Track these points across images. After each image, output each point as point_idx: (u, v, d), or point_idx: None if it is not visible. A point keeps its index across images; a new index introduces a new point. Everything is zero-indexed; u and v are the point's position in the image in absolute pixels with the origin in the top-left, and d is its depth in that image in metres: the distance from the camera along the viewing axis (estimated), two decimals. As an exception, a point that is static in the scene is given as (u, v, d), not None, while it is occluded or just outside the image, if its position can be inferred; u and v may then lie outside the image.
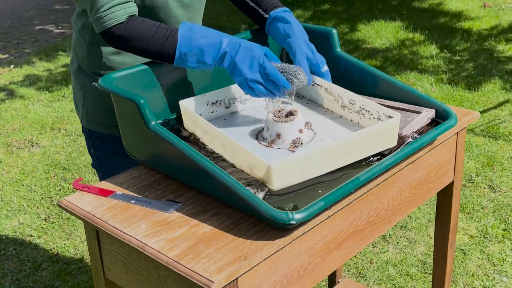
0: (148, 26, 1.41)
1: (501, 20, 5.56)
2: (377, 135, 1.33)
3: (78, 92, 1.65)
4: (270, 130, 1.39)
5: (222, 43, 1.37)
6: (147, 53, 1.42)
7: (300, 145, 1.38)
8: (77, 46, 1.62)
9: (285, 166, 1.22)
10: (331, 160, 1.29)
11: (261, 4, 1.66)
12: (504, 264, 2.44)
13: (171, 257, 1.14)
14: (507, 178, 3.04)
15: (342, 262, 1.38)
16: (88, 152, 1.73)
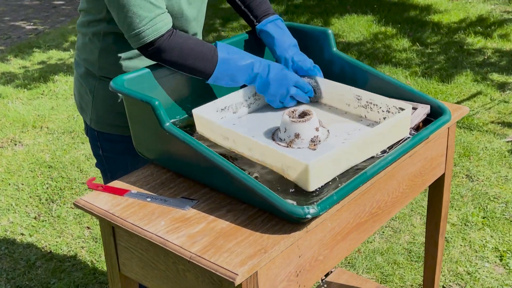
0: (194, 43, 1.49)
1: (469, 13, 5.71)
2: (395, 126, 1.43)
3: (86, 95, 1.68)
4: (288, 131, 1.45)
5: (255, 65, 1.53)
6: (186, 67, 1.50)
7: (319, 142, 1.45)
8: (86, 51, 1.65)
9: (321, 165, 1.29)
10: (358, 155, 1.38)
11: (253, 10, 1.73)
12: (485, 250, 2.55)
13: (193, 252, 1.20)
14: (483, 167, 3.16)
15: (347, 252, 1.46)
16: (94, 153, 1.76)
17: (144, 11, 1.42)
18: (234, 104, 1.60)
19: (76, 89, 1.73)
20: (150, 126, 1.40)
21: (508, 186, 2.99)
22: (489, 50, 4.79)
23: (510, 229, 2.67)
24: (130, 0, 1.41)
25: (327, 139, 1.49)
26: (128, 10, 1.42)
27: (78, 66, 1.70)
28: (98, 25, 1.59)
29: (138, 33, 1.44)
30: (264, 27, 1.69)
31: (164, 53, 1.47)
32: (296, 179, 1.32)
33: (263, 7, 1.73)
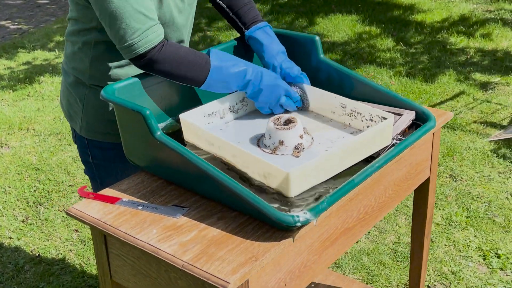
0: (185, 53, 1.51)
1: (451, 13, 5.77)
2: (377, 135, 1.45)
3: (76, 104, 1.69)
4: (272, 137, 1.48)
5: (247, 72, 1.55)
6: (178, 77, 1.52)
7: (302, 150, 1.48)
8: (76, 60, 1.65)
9: (302, 173, 1.31)
10: (339, 163, 1.40)
11: (241, 17, 1.75)
12: (469, 249, 2.60)
13: (185, 261, 1.22)
14: (467, 167, 3.22)
15: (335, 258, 1.49)
16: (83, 161, 1.77)
17: (137, 23, 1.44)
18: (221, 110, 1.63)
19: (65, 97, 1.73)
20: (141, 135, 1.42)
21: (491, 185, 3.04)
22: (471, 50, 4.86)
23: (493, 229, 2.72)
24: (124, 12, 1.43)
25: (311, 146, 1.52)
26: (122, 22, 1.43)
27: (66, 75, 1.71)
28: (89, 34, 1.60)
29: (130, 44, 1.45)
30: (253, 33, 1.72)
31: (157, 64, 1.49)
32: (277, 186, 1.34)
33: (251, 14, 1.75)
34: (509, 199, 2.93)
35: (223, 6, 1.75)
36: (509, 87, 4.16)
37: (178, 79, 1.53)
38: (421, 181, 1.77)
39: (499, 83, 4.24)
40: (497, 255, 2.55)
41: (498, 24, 5.33)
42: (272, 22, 5.81)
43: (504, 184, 3.05)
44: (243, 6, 1.74)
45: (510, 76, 4.31)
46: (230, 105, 1.65)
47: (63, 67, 1.73)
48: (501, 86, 4.18)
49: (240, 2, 1.74)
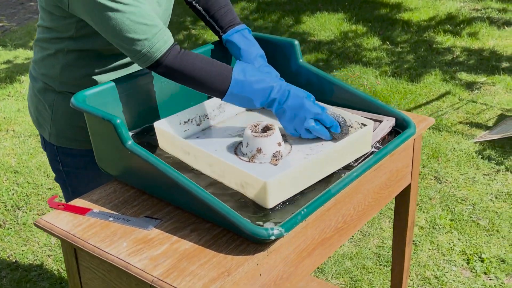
0: (203, 59, 1.45)
1: (438, 11, 5.75)
2: (356, 143, 1.42)
3: (44, 110, 1.64)
4: (250, 145, 1.44)
5: (273, 90, 1.46)
6: (198, 84, 1.45)
7: (281, 157, 1.44)
8: (45, 66, 1.60)
9: (280, 182, 1.28)
10: (318, 172, 1.37)
11: (218, 20, 1.70)
12: (452, 253, 2.58)
13: (156, 276, 1.18)
14: (451, 169, 3.19)
15: (313, 268, 1.45)
16: (53, 168, 1.72)
17: (139, 34, 1.39)
18: (198, 117, 1.58)
19: (33, 104, 1.68)
20: (112, 144, 1.38)
21: (475, 187, 3.02)
22: (457, 49, 4.84)
23: (477, 232, 2.70)
24: (124, 28, 1.38)
25: (290, 154, 1.49)
26: (123, 37, 1.39)
27: (35, 80, 1.65)
28: (62, 42, 1.55)
29: (139, 57, 1.42)
30: (230, 37, 1.68)
31: (175, 70, 1.43)
32: (254, 196, 1.31)
33: (228, 17, 1.71)
34: (494, 202, 2.91)
35: (200, 9, 1.71)
36: (494, 87, 4.15)
37: (199, 86, 1.46)
38: (402, 187, 1.74)
39: (485, 83, 4.22)
40: (481, 259, 2.53)
41: (485, 23, 5.32)
42: (258, 21, 5.77)
43: (488, 186, 3.03)
44: (220, 8, 1.70)
45: (496, 76, 4.30)
46: (207, 112, 1.61)
47: (30, 72, 1.68)
48: (487, 86, 4.17)
49: (217, 5, 1.70)
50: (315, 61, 4.69)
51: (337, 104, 1.66)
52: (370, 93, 4.12)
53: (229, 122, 1.65)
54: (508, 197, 2.93)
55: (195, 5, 1.72)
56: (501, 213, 2.81)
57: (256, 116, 1.69)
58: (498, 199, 2.92)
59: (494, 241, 2.63)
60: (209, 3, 1.71)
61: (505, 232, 2.68)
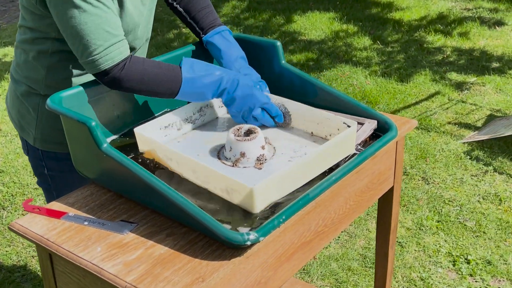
0: (152, 67, 1.44)
1: (430, 11, 5.75)
2: (340, 144, 1.41)
3: (28, 114, 1.61)
4: (233, 150, 1.42)
5: (222, 81, 1.48)
6: (149, 92, 1.46)
7: (265, 161, 1.43)
8: (29, 69, 1.57)
9: (266, 187, 1.26)
10: (304, 174, 1.35)
11: (198, 21, 1.69)
12: (438, 255, 2.57)
13: (129, 282, 1.16)
14: (439, 169, 3.19)
15: (293, 273, 1.44)
16: (37, 173, 1.69)
17: (98, 40, 1.37)
18: (178, 121, 1.57)
19: (14, 107, 1.65)
20: (88, 146, 1.36)
21: (463, 188, 3.02)
22: (448, 49, 4.83)
23: (463, 233, 2.69)
24: (84, 29, 1.36)
25: (274, 157, 1.47)
26: (82, 38, 1.37)
27: (17, 84, 1.62)
28: (45, 43, 1.52)
29: (91, 61, 1.39)
30: (211, 38, 1.66)
31: (122, 82, 1.42)
32: (240, 202, 1.29)
33: (209, 18, 1.69)
34: (481, 203, 2.90)
35: (181, 10, 1.69)
36: (484, 87, 4.14)
37: (150, 94, 1.46)
38: (384, 190, 1.73)
39: (475, 83, 4.22)
40: (467, 260, 2.52)
41: (476, 22, 5.31)
42: (248, 20, 5.75)
43: (476, 187, 3.03)
44: (201, 10, 1.68)
45: (486, 76, 4.29)
46: (187, 116, 1.59)
47: (12, 75, 1.65)
48: (477, 86, 4.16)
49: (198, 6, 1.68)
50: (305, 61, 4.68)
51: (320, 106, 1.64)
52: (359, 93, 4.11)
53: (210, 126, 1.63)
54: (495, 198, 2.92)
55: (176, 6, 1.70)
56: (488, 214, 2.81)
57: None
58: (486, 200, 2.92)
59: (481, 243, 2.62)
60: (189, 5, 1.69)
61: (491, 233, 2.68)
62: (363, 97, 4.05)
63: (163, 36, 5.42)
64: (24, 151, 1.70)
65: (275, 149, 1.50)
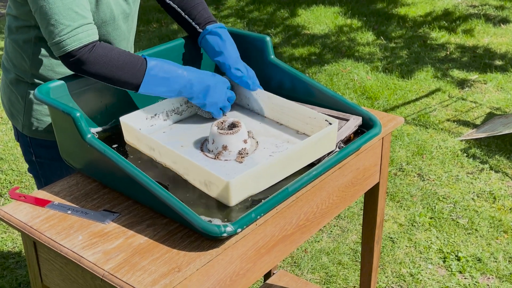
0: (118, 54, 1.44)
1: (435, 7, 5.73)
2: (321, 141, 1.42)
3: (17, 102, 1.64)
4: (216, 142, 1.45)
5: (192, 85, 1.51)
6: (111, 79, 1.45)
7: (246, 155, 1.45)
8: (16, 58, 1.61)
9: (243, 181, 1.28)
10: (281, 170, 1.37)
11: (195, 17, 1.69)
12: (429, 251, 2.58)
13: (107, 270, 1.19)
14: (435, 166, 3.19)
15: (273, 265, 1.46)
16: (26, 159, 1.73)
17: (66, 20, 1.39)
18: (165, 111, 1.59)
19: (5, 95, 1.68)
20: (73, 137, 1.38)
21: (458, 186, 3.03)
22: (452, 46, 4.83)
23: (455, 230, 2.70)
24: (53, 8, 1.38)
25: (256, 151, 1.49)
26: (51, 18, 1.39)
27: (7, 72, 1.66)
28: (29, 32, 1.55)
29: (58, 42, 1.40)
30: (215, 29, 1.66)
31: (86, 65, 1.42)
32: (217, 195, 1.31)
33: (205, 14, 1.69)
34: (475, 200, 2.91)
35: (174, 6, 1.70)
36: (486, 85, 4.14)
37: (112, 81, 1.46)
38: (369, 186, 1.75)
39: (476, 80, 4.21)
40: (457, 257, 2.54)
41: (481, 20, 5.30)
42: (253, 13, 5.76)
43: (471, 184, 3.04)
44: (196, 5, 1.69)
45: (488, 74, 4.29)
46: (174, 107, 1.61)
47: (3, 63, 1.68)
48: (478, 84, 4.16)
49: (192, 2, 1.69)
50: (308, 55, 4.68)
51: (306, 101, 1.66)
52: (359, 88, 4.11)
53: (196, 118, 1.65)
54: (489, 196, 2.93)
55: (168, 2, 1.70)
56: (481, 212, 2.82)
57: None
58: (480, 198, 2.93)
59: (472, 240, 2.64)
60: (184, 1, 1.69)
61: (483, 231, 2.69)
62: (363, 92, 4.06)
63: (167, 27, 5.44)
64: (15, 137, 1.74)
65: (258, 143, 1.52)
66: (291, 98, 1.68)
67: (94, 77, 1.45)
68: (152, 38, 5.20)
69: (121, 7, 1.59)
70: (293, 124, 1.58)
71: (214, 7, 5.99)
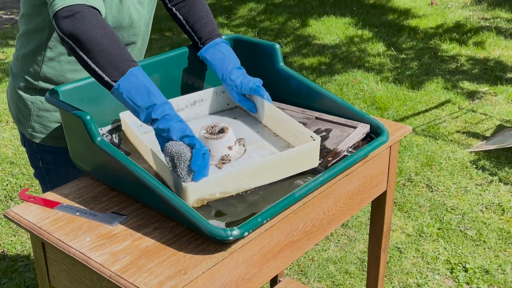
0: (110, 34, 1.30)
1: (446, 19, 5.74)
2: (301, 155, 1.41)
3: (24, 108, 1.65)
4: None
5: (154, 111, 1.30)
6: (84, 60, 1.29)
7: (228, 161, 1.46)
8: (27, 63, 1.61)
9: (199, 186, 1.29)
10: (251, 179, 1.37)
11: (197, 31, 1.69)
12: (437, 262, 2.58)
13: (113, 271, 1.20)
14: (444, 177, 3.19)
15: (278, 270, 1.46)
16: (33, 165, 1.73)
17: None
18: None
19: (13, 101, 1.69)
20: (83, 139, 1.40)
21: (467, 197, 3.02)
22: (462, 58, 4.83)
23: (463, 242, 2.70)
24: None
25: (240, 159, 1.49)
26: None
27: (16, 78, 1.66)
28: (43, 34, 1.56)
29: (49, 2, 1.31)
30: (205, 53, 1.67)
31: (78, 22, 1.26)
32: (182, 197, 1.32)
33: (207, 29, 1.69)
34: (483, 212, 2.90)
35: (180, 17, 1.72)
36: (496, 97, 4.13)
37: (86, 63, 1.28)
38: (377, 194, 1.75)
39: (487, 92, 4.21)
40: (465, 269, 2.53)
41: (492, 32, 5.30)
42: (264, 22, 5.79)
43: (480, 196, 3.03)
44: (200, 19, 1.69)
45: (498, 86, 4.28)
46: (178, 108, 1.62)
47: (11, 69, 1.69)
48: (488, 96, 4.16)
49: (197, 15, 1.69)
50: (318, 64, 4.70)
51: (314, 108, 1.67)
52: (369, 98, 4.12)
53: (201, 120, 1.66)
54: (498, 208, 2.92)
55: (175, 12, 1.72)
56: (489, 223, 2.81)
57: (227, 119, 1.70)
58: (488, 210, 2.92)
59: (480, 252, 2.63)
60: (189, 13, 1.70)
61: (491, 243, 2.68)
62: (373, 102, 4.06)
63: (178, 36, 5.48)
64: (22, 143, 1.75)
65: (245, 151, 1.52)
66: (299, 105, 1.70)
67: (81, 42, 1.28)
68: (163, 46, 5.24)
69: (140, 14, 1.61)
70: (287, 136, 1.57)
71: (225, 17, 6.03)
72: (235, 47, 1.81)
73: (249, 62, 1.77)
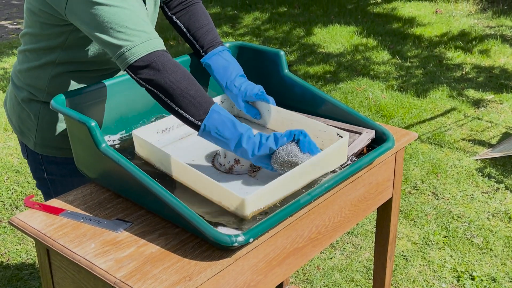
0: (184, 69, 1.38)
1: (451, 27, 5.74)
2: (332, 154, 1.43)
3: (29, 120, 1.63)
4: (227, 156, 1.46)
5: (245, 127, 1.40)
6: (178, 96, 1.37)
7: (258, 170, 1.46)
8: (32, 77, 1.59)
9: (258, 197, 1.30)
10: (294, 184, 1.38)
11: (198, 39, 1.69)
12: (443, 270, 2.56)
13: (118, 278, 1.19)
14: (450, 185, 3.18)
15: (284, 277, 1.46)
16: (36, 176, 1.71)
17: (140, 26, 1.36)
18: (175, 125, 1.60)
19: (15, 113, 1.66)
20: (88, 146, 1.40)
21: (473, 205, 3.00)
22: (468, 66, 4.82)
23: (470, 250, 2.68)
24: (121, 15, 1.34)
25: None
26: (111, 31, 1.35)
27: (19, 90, 1.63)
28: (52, 53, 1.54)
29: (120, 55, 1.36)
30: (208, 60, 1.67)
31: (159, 71, 1.35)
32: (234, 209, 1.32)
33: (209, 37, 1.70)
34: (490, 220, 2.89)
35: (180, 25, 1.71)
36: (501, 105, 4.12)
37: (178, 98, 1.37)
38: (382, 201, 1.74)
39: (492, 100, 4.20)
40: (472, 277, 2.51)
41: (497, 40, 5.29)
42: (269, 31, 5.80)
43: (486, 204, 3.01)
44: (201, 27, 1.69)
45: (503, 94, 4.27)
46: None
47: (13, 81, 1.66)
48: (494, 104, 4.14)
49: (198, 23, 1.69)
50: (322, 73, 4.70)
51: (319, 114, 1.67)
52: (374, 106, 4.11)
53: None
54: (505, 216, 2.90)
55: (175, 21, 1.72)
56: (496, 231, 2.79)
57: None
58: (495, 218, 2.90)
59: (487, 260, 2.61)
60: (190, 21, 1.70)
61: (498, 251, 2.66)
62: (378, 110, 4.05)
63: (183, 45, 5.49)
64: (23, 155, 1.73)
65: None
66: (303, 111, 1.70)
67: (164, 88, 1.37)
68: (168, 55, 5.25)
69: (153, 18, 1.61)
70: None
71: (230, 26, 6.05)
72: (239, 54, 1.81)
73: (253, 69, 1.77)
